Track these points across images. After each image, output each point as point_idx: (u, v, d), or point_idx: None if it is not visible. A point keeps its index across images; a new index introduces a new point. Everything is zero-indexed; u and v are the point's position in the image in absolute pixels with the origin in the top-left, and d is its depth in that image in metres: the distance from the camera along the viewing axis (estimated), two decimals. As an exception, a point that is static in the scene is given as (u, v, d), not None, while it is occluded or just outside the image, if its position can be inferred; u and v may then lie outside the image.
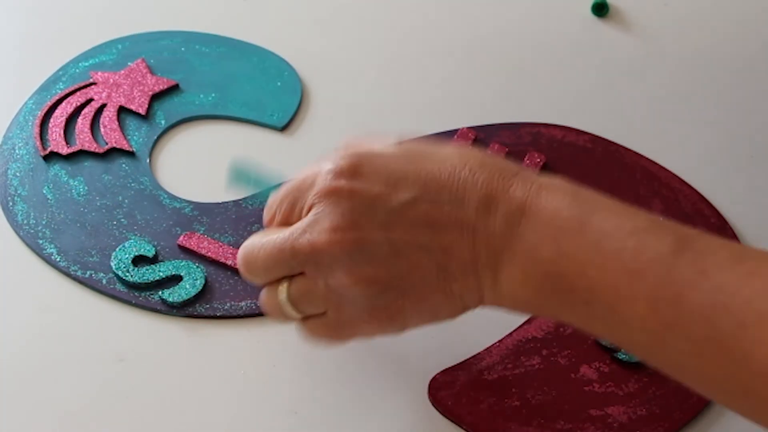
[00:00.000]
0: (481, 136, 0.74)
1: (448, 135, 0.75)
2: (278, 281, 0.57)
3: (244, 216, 0.70)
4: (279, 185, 0.59)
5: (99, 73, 0.78)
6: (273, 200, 0.58)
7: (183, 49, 0.80)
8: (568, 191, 0.53)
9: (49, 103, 0.76)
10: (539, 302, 0.53)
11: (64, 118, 0.75)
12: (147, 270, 0.66)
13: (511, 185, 0.54)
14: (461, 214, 0.53)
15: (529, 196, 0.53)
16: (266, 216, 0.58)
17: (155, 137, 0.75)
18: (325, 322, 0.57)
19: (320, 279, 0.55)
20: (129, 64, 0.78)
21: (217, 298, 0.66)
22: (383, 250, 0.54)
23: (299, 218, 0.56)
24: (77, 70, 0.78)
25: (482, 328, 0.65)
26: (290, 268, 0.56)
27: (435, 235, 0.54)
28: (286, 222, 0.57)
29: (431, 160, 0.55)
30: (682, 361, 0.50)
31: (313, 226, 0.55)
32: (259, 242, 0.57)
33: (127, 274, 0.66)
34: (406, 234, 0.54)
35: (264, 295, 0.58)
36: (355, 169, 0.55)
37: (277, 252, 0.56)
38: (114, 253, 0.67)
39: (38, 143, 0.73)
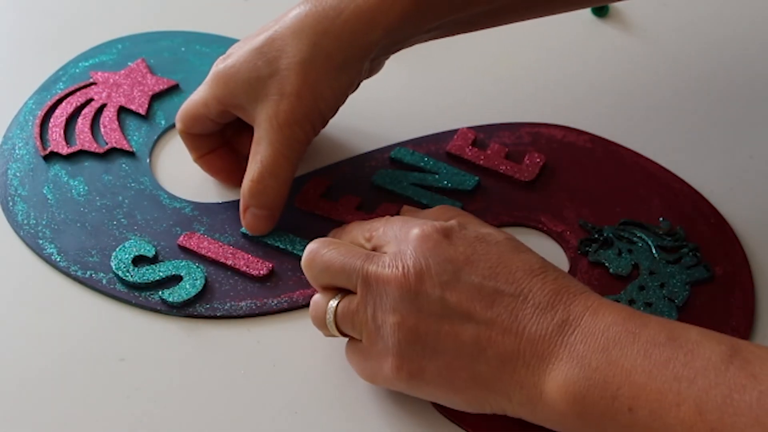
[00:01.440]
0: (481, 136, 0.74)
1: (448, 135, 0.75)
2: (331, 292, 0.60)
3: (244, 216, 0.70)
4: None
5: (99, 73, 0.78)
6: (369, 223, 0.63)
7: (183, 49, 0.80)
8: (623, 310, 0.55)
9: (49, 103, 0.76)
10: (580, 412, 0.53)
11: (64, 118, 0.75)
12: (147, 270, 0.66)
13: (575, 300, 0.56)
14: (518, 308, 0.56)
15: (588, 312, 0.55)
16: (365, 234, 0.62)
17: (155, 137, 0.75)
18: (359, 347, 0.59)
19: (369, 306, 0.58)
20: (129, 64, 0.78)
21: (217, 298, 0.66)
22: (435, 306, 0.56)
23: (380, 246, 0.60)
24: (77, 70, 0.79)
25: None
26: (348, 282, 0.59)
27: (485, 314, 0.56)
28: (355, 243, 0.62)
29: (517, 256, 0.58)
30: None
31: (389, 261, 0.58)
32: (336, 244, 0.60)
33: (127, 274, 0.66)
34: (461, 302, 0.56)
35: (314, 302, 0.61)
36: (448, 231, 0.58)
37: (348, 264, 0.59)
38: (114, 253, 0.67)
39: (38, 143, 0.73)
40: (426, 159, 0.72)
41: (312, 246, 0.61)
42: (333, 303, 0.59)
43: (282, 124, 0.65)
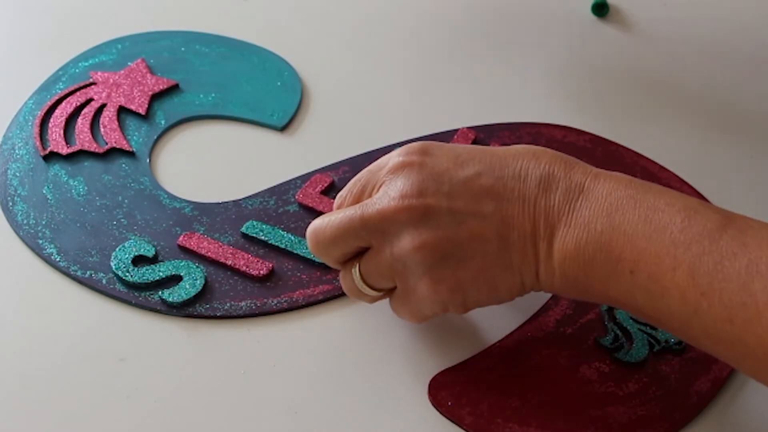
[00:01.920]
0: (481, 136, 0.74)
1: (448, 135, 0.75)
2: (351, 263, 0.60)
3: (244, 216, 0.70)
4: None
5: (99, 73, 0.78)
6: (343, 189, 0.61)
7: (183, 49, 0.80)
8: (623, 177, 0.57)
9: (49, 103, 0.76)
10: (587, 273, 0.56)
11: (63, 118, 0.75)
12: (147, 270, 0.66)
13: (573, 169, 0.58)
14: (523, 189, 0.57)
15: (588, 178, 0.57)
16: (336, 203, 0.62)
17: (155, 137, 0.75)
18: (397, 295, 0.60)
19: (386, 248, 0.58)
20: (129, 64, 0.78)
21: (217, 298, 0.66)
22: (447, 217, 0.57)
23: (369, 197, 0.59)
24: (77, 70, 0.79)
25: (482, 328, 0.65)
26: (358, 239, 0.59)
27: (497, 206, 0.57)
28: (356, 202, 0.60)
29: (499, 148, 0.59)
30: (715, 329, 0.52)
31: (383, 197, 0.58)
32: (327, 217, 0.60)
33: (127, 274, 0.66)
34: (469, 204, 0.57)
35: (341, 277, 0.62)
36: (425, 148, 0.59)
37: (346, 222, 0.59)
38: (114, 253, 0.67)
39: (38, 143, 0.73)
40: None
41: (309, 231, 0.61)
42: (355, 269, 0.60)
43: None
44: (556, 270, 0.57)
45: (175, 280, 0.66)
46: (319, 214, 0.69)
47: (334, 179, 0.71)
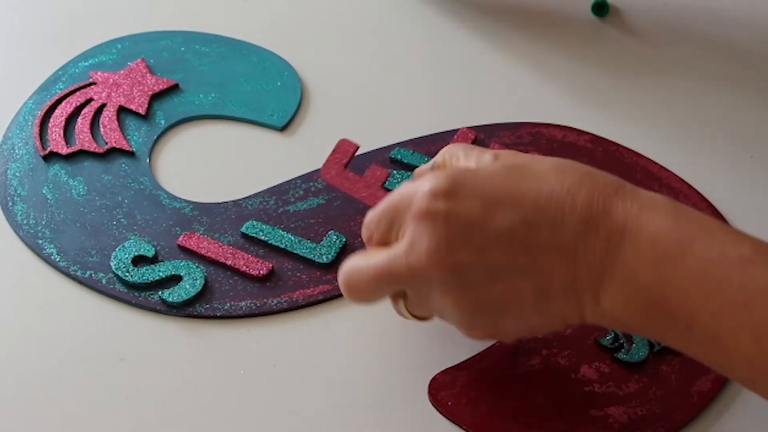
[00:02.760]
0: (481, 136, 0.74)
1: (448, 135, 0.75)
2: (397, 296, 0.58)
3: (243, 216, 0.70)
4: None
5: (99, 73, 0.78)
6: (370, 218, 0.58)
7: (183, 49, 0.80)
8: (669, 211, 0.53)
9: (49, 103, 0.76)
10: (641, 324, 0.53)
11: (63, 118, 0.75)
12: (147, 270, 0.66)
13: (612, 205, 0.53)
14: (560, 237, 0.53)
15: (630, 216, 0.53)
16: (365, 234, 0.58)
17: (155, 137, 0.75)
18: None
19: (422, 297, 0.57)
20: (129, 64, 0.78)
21: (217, 298, 0.66)
22: (479, 274, 0.54)
23: (397, 238, 0.56)
24: (77, 70, 0.78)
25: (482, 328, 0.65)
26: (393, 291, 0.58)
27: (533, 259, 0.53)
28: (384, 241, 0.57)
29: (529, 177, 0.54)
30: None
31: (411, 250, 0.55)
32: (358, 267, 0.57)
33: (127, 274, 0.66)
34: (503, 257, 0.53)
35: (391, 303, 0.60)
36: (452, 190, 0.54)
37: (377, 277, 0.56)
38: (114, 253, 0.67)
39: (38, 143, 0.73)
40: (426, 159, 0.72)
41: (342, 280, 0.58)
42: (401, 304, 0.58)
43: None
44: (606, 315, 0.54)
45: (175, 280, 0.66)
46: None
47: (358, 148, 0.68)
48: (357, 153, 0.73)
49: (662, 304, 0.52)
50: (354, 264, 0.58)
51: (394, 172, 0.71)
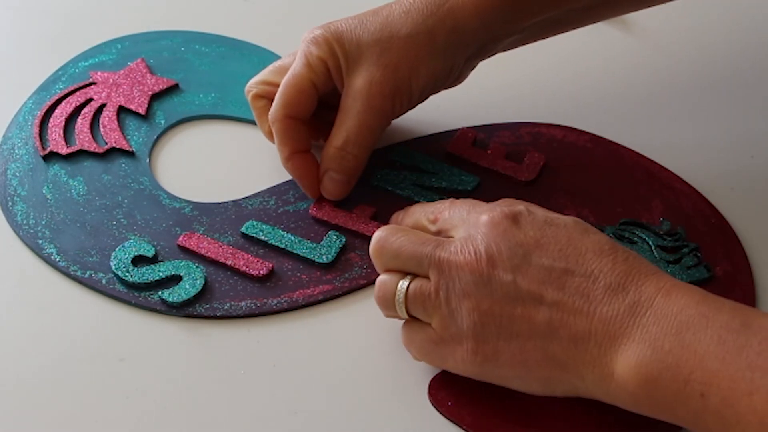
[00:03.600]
0: (481, 136, 0.74)
1: (448, 135, 0.75)
2: (399, 274, 0.60)
3: (243, 216, 0.70)
4: None
5: (99, 73, 0.78)
6: (433, 206, 0.64)
7: (183, 49, 0.80)
8: (697, 292, 0.55)
9: (49, 103, 0.76)
10: (649, 393, 0.54)
11: (63, 118, 0.75)
12: (147, 270, 0.66)
13: (646, 281, 0.56)
14: (590, 289, 0.56)
15: (661, 291, 0.55)
16: (420, 209, 0.64)
17: (155, 137, 0.75)
18: (428, 334, 0.60)
19: (442, 290, 0.58)
20: (129, 63, 0.78)
21: (217, 298, 0.66)
22: (505, 291, 0.57)
23: (447, 232, 0.61)
24: (77, 70, 0.78)
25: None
26: (419, 268, 0.59)
27: (557, 297, 0.56)
28: (418, 225, 0.63)
29: (586, 237, 0.58)
30: None
31: (460, 247, 0.58)
32: (403, 231, 0.61)
33: (127, 274, 0.66)
34: (532, 285, 0.57)
35: (382, 282, 0.61)
36: (516, 216, 0.59)
37: (418, 246, 0.59)
38: (114, 253, 0.67)
39: (38, 143, 0.73)
40: (426, 159, 0.72)
41: (380, 234, 0.61)
42: (403, 284, 0.60)
43: (373, 95, 0.67)
44: (614, 382, 0.55)
45: (174, 280, 0.66)
46: (334, 226, 0.69)
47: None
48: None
49: (677, 369, 0.53)
50: (397, 228, 0.62)
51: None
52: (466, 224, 0.60)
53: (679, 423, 0.55)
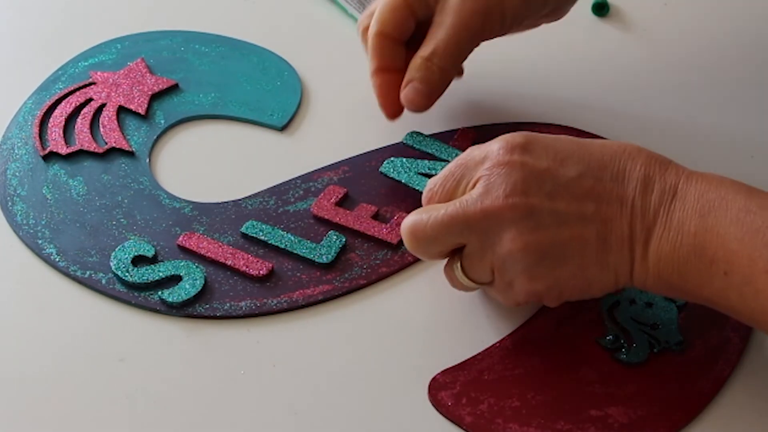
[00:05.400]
0: (481, 136, 0.74)
1: (448, 135, 0.75)
2: (453, 259, 0.61)
3: (243, 216, 0.70)
4: None
5: (98, 73, 0.78)
6: (434, 180, 0.62)
7: (183, 48, 0.80)
8: (715, 177, 0.59)
9: (49, 103, 0.76)
10: (681, 274, 0.58)
11: (63, 118, 0.75)
12: (146, 270, 0.66)
13: (666, 170, 0.59)
14: (622, 191, 0.59)
15: (681, 178, 0.59)
16: (425, 196, 0.63)
17: (155, 137, 0.75)
18: (496, 286, 0.62)
19: (487, 247, 0.59)
20: (128, 63, 0.78)
21: (217, 298, 0.66)
22: (549, 218, 0.58)
23: (464, 193, 0.60)
24: (77, 70, 0.78)
25: (482, 328, 0.65)
26: (459, 237, 0.60)
27: (597, 207, 0.59)
28: (450, 198, 0.61)
29: (594, 144, 0.61)
30: None
31: (486, 195, 0.59)
32: (425, 215, 0.61)
33: (127, 274, 0.66)
34: (571, 205, 0.59)
35: (446, 276, 0.63)
36: (525, 145, 0.60)
37: (448, 220, 0.60)
38: (113, 253, 0.67)
39: (37, 143, 0.73)
40: (438, 145, 0.72)
41: (405, 228, 0.62)
42: (457, 265, 0.61)
43: (465, 10, 0.69)
44: (651, 270, 0.58)
45: (174, 280, 0.66)
46: (336, 225, 0.69)
47: (348, 190, 0.71)
48: (357, 153, 0.73)
49: (704, 250, 0.57)
50: (417, 216, 0.61)
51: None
52: (480, 174, 0.60)
53: (704, 302, 0.58)
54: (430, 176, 0.70)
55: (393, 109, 0.72)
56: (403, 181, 0.70)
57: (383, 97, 0.72)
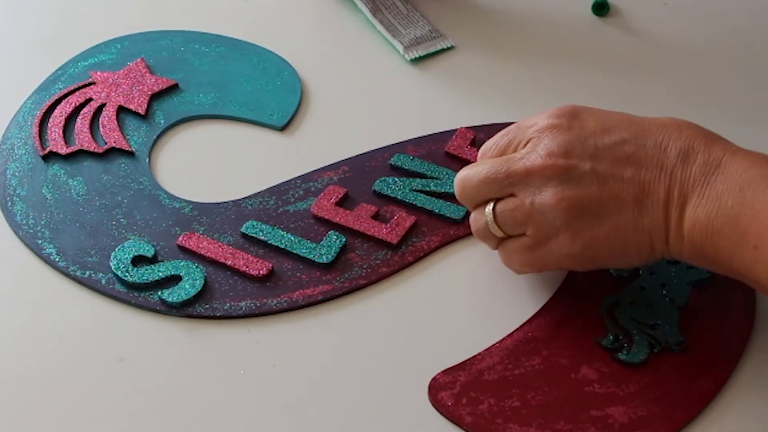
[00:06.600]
0: (481, 136, 0.74)
1: (448, 135, 0.75)
2: (484, 205, 0.63)
3: (243, 216, 0.70)
4: None
5: (98, 73, 0.78)
6: (491, 140, 0.65)
7: (182, 48, 0.80)
8: (761, 156, 0.60)
9: (48, 103, 0.76)
10: (714, 243, 0.59)
11: (63, 118, 0.75)
12: (146, 270, 0.66)
13: (712, 144, 0.61)
14: (663, 158, 0.60)
15: (726, 154, 0.60)
16: (481, 152, 0.65)
17: (155, 137, 0.75)
18: (524, 242, 0.63)
19: (528, 198, 0.62)
20: (128, 63, 0.78)
21: (217, 298, 0.66)
22: (589, 177, 0.61)
23: (515, 152, 0.63)
24: (76, 70, 0.78)
25: (482, 328, 0.65)
26: (501, 189, 0.63)
27: (636, 171, 0.60)
28: (501, 155, 0.64)
29: (645, 118, 0.63)
30: None
31: (531, 153, 0.62)
32: (475, 167, 0.64)
33: (127, 274, 0.66)
34: (611, 167, 0.61)
35: (473, 218, 0.65)
36: (574, 112, 0.63)
37: (493, 172, 0.63)
38: (113, 253, 0.67)
39: (37, 143, 0.73)
40: (427, 165, 0.72)
41: (457, 178, 0.64)
42: (489, 208, 0.63)
43: None
44: (685, 237, 0.59)
45: (174, 280, 0.66)
46: (336, 225, 0.69)
47: (348, 190, 0.71)
48: (357, 153, 0.73)
49: (738, 222, 0.58)
50: (469, 169, 0.64)
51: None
52: (529, 135, 0.62)
53: (732, 274, 0.60)
54: (424, 192, 0.70)
55: None
56: (398, 197, 0.70)
57: None
